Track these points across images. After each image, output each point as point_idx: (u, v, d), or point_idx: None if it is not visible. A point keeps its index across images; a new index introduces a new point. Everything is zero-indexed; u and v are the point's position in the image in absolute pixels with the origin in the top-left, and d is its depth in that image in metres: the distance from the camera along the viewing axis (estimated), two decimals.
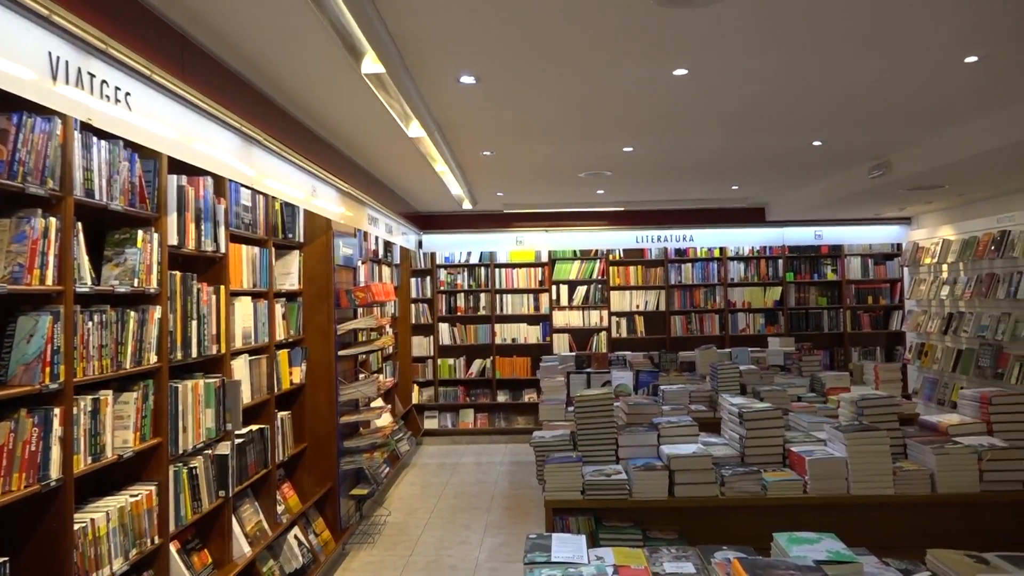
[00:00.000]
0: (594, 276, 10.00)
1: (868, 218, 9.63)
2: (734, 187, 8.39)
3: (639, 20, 3.24)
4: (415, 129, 4.84)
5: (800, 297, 9.99)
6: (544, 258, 10.07)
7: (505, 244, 9.94)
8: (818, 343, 9.57)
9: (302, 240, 5.27)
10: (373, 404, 6.51)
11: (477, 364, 10.03)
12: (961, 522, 3.31)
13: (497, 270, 10.06)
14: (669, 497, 3.33)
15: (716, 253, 10.01)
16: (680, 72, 4.00)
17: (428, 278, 10.07)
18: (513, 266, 10.08)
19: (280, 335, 4.79)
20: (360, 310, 6.27)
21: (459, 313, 10.06)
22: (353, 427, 5.96)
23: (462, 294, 10.08)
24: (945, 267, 8.34)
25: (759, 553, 2.29)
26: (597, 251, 10.03)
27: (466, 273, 10.11)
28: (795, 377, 6.05)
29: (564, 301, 10.01)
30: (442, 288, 10.08)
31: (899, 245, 9.81)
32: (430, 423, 9.91)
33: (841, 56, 3.79)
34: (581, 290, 10.01)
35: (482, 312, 10.03)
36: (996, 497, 3.27)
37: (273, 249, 4.68)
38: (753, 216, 9.89)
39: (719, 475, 3.35)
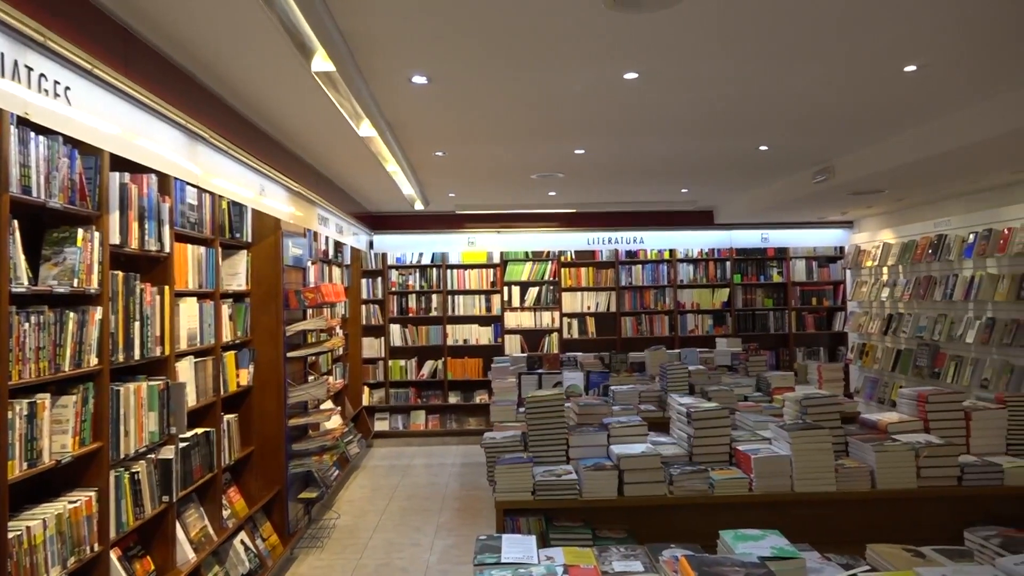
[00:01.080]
0: (546, 277, 10.04)
1: (812, 222, 9.87)
2: (684, 190, 8.51)
3: (590, 23, 3.27)
4: (366, 129, 4.80)
5: (747, 299, 10.19)
6: (496, 259, 10.08)
7: (457, 245, 9.93)
8: (764, 344, 9.77)
9: (250, 240, 5.18)
10: (323, 406, 6.43)
11: (429, 365, 9.99)
12: (899, 517, 3.42)
13: (449, 271, 10.04)
14: (619, 496, 3.36)
15: (666, 255, 10.15)
16: (631, 76, 4.04)
17: (379, 279, 9.99)
18: (465, 267, 10.07)
19: (227, 336, 4.70)
20: (310, 311, 6.20)
21: (411, 314, 10.00)
22: (302, 429, 5.88)
23: (414, 295, 10.03)
24: (885, 270, 8.58)
25: (706, 550, 2.33)
26: (549, 252, 10.08)
27: (418, 274, 10.06)
28: (742, 377, 6.17)
29: (516, 302, 10.04)
30: (393, 289, 10.01)
31: (842, 248, 10.07)
32: (381, 425, 9.84)
33: (787, 63, 3.88)
34: (533, 291, 10.04)
35: (434, 313, 9.99)
36: (932, 492, 3.37)
37: (220, 249, 4.59)
38: (702, 219, 10.06)
39: (667, 474, 3.39)
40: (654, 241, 10.00)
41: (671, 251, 10.13)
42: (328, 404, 6.81)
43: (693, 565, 1.89)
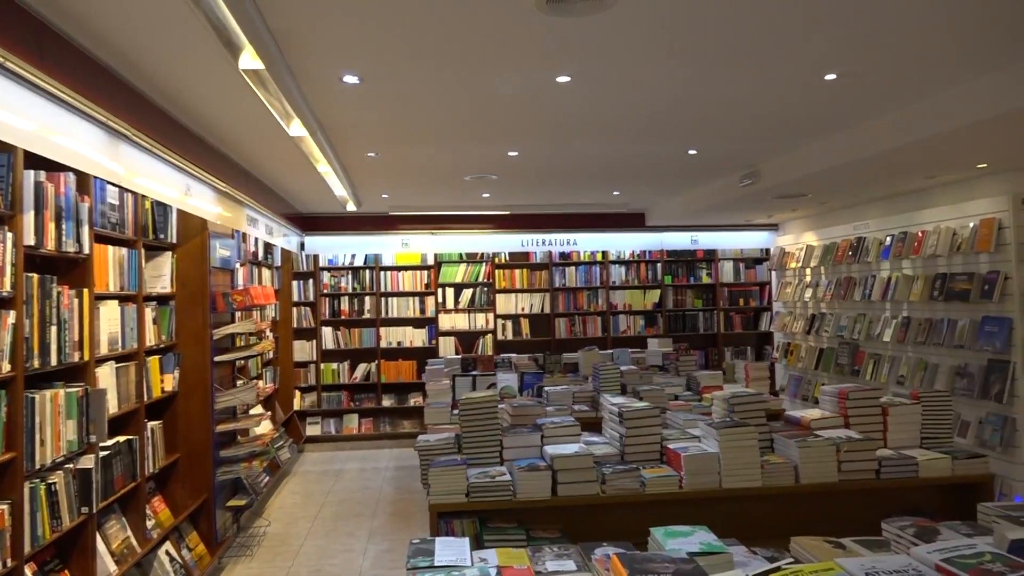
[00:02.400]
0: (480, 279, 10.05)
1: (739, 224, 10.14)
2: (616, 193, 8.63)
3: (523, 26, 3.29)
4: (296, 128, 4.72)
5: (677, 299, 10.39)
6: (430, 261, 10.03)
7: (391, 246, 9.85)
8: (694, 344, 9.98)
9: (175, 241, 5.03)
10: (252, 411, 6.29)
11: (362, 368, 9.88)
12: (821, 510, 3.54)
13: (382, 273, 9.95)
14: (552, 497, 3.39)
15: (599, 257, 10.27)
16: (564, 79, 4.07)
17: (311, 281, 9.83)
18: (399, 269, 10.00)
19: (151, 340, 4.55)
20: (238, 314, 6.05)
21: (343, 316, 9.87)
22: (230, 435, 5.74)
23: (346, 297, 9.91)
24: (808, 271, 8.87)
25: (637, 548, 2.36)
26: (483, 254, 10.09)
27: (350, 276, 9.94)
28: (673, 377, 6.29)
29: (450, 304, 10.01)
30: (325, 291, 9.87)
31: (767, 250, 10.37)
32: (313, 429, 9.68)
33: (716, 70, 3.97)
34: (467, 293, 10.03)
35: (367, 315, 9.89)
36: (852, 486, 3.50)
37: (143, 250, 4.45)
38: (634, 221, 10.22)
39: (600, 473, 3.43)
40: (587, 243, 10.11)
41: (604, 253, 10.26)
42: (258, 409, 6.67)
43: (624, 563, 1.92)
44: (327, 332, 9.83)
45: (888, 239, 7.17)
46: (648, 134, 5.51)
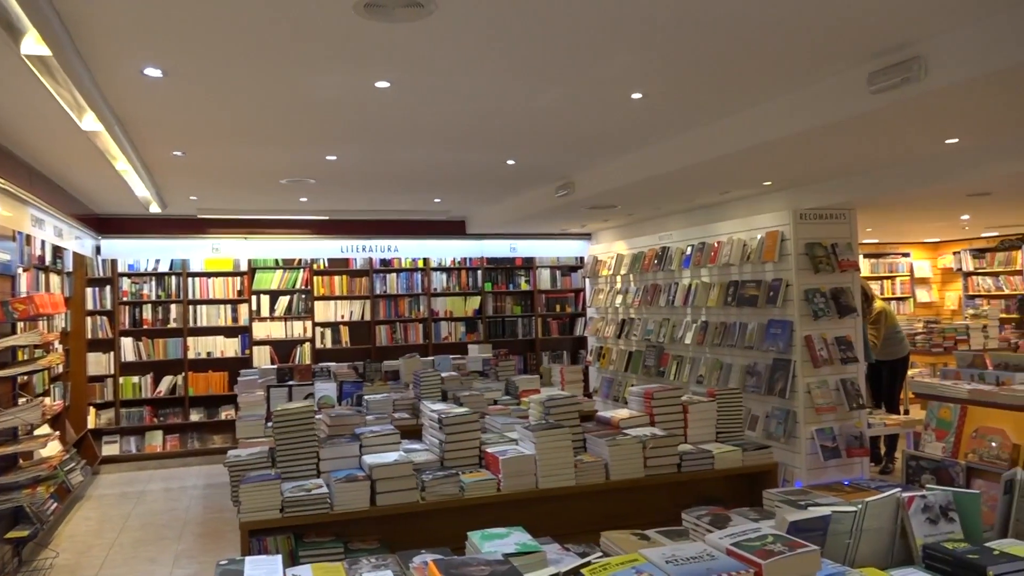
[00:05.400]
0: (297, 286, 9.73)
1: (556, 233, 10.52)
2: (436, 200, 8.67)
3: (342, 29, 3.23)
4: (90, 122, 4.34)
5: (497, 306, 10.61)
6: (243, 267, 9.58)
7: (200, 251, 9.30)
8: (514, 349, 10.23)
9: None
10: (37, 432, 5.69)
11: (167, 381, 9.23)
12: (630, 504, 3.74)
13: (190, 279, 9.37)
14: (372, 507, 3.34)
15: (420, 264, 10.28)
16: (383, 84, 4.04)
17: (108, 288, 9.07)
18: (208, 275, 9.46)
19: None
20: (21, 324, 5.46)
21: (146, 326, 9.19)
22: (11, 459, 5.16)
23: (149, 305, 9.23)
24: (619, 278, 9.36)
25: (456, 553, 2.38)
26: (301, 260, 9.78)
27: (154, 282, 9.28)
28: (492, 381, 6.41)
29: (265, 312, 9.61)
30: (125, 299, 9.14)
31: (582, 258, 10.83)
32: (110, 449, 8.92)
33: (531, 82, 4.10)
34: (284, 300, 9.67)
35: (173, 325, 9.27)
36: (657, 480, 3.74)
37: None
38: (455, 228, 10.31)
39: (420, 480, 3.42)
40: (408, 250, 10.09)
41: (425, 260, 10.28)
42: (44, 429, 6.05)
43: (441, 568, 1.93)
44: (127, 343, 9.10)
45: (688, 249, 7.72)
46: (467, 143, 5.58)
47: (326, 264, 9.94)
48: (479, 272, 10.52)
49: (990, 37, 3.20)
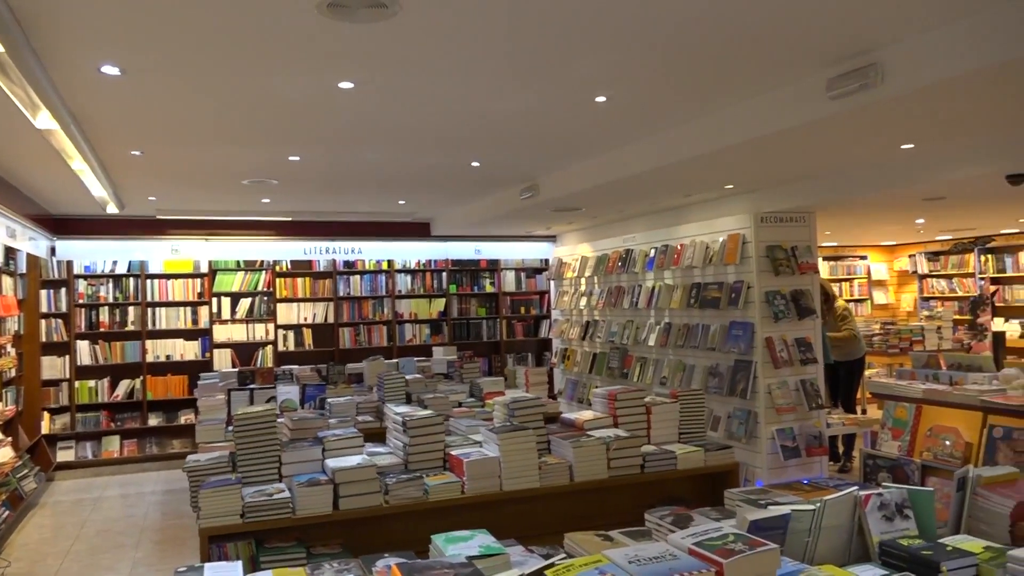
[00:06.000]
0: (259, 288, 9.60)
1: (521, 235, 10.54)
2: (401, 202, 8.63)
3: (305, 28, 3.20)
4: (45, 120, 4.23)
5: (462, 308, 10.59)
6: (204, 268, 9.43)
7: (159, 253, 9.15)
8: (478, 351, 10.22)
9: None
10: None
11: (124, 385, 9.05)
12: (594, 505, 3.76)
13: (149, 281, 9.20)
14: (334, 511, 3.31)
15: (384, 266, 10.21)
16: (346, 85, 4.01)
17: (64, 290, 8.86)
18: (168, 277, 9.29)
19: None
20: None
21: (103, 329, 9.00)
22: None
23: (106, 308, 9.04)
24: (583, 280, 9.40)
25: (420, 556, 2.37)
26: (263, 262, 9.66)
27: (111, 284, 9.09)
28: (457, 384, 6.39)
29: (226, 314, 9.47)
30: (81, 301, 8.94)
31: (546, 260, 10.86)
32: (65, 455, 8.71)
33: (497, 85, 4.10)
34: (245, 302, 9.55)
35: (131, 327, 9.09)
36: (620, 481, 3.76)
37: None
38: (419, 230, 10.28)
39: (383, 484, 3.40)
40: (372, 252, 10.03)
41: (389, 262, 10.22)
42: None
43: (404, 572, 1.92)
44: (83, 346, 8.90)
45: (652, 251, 7.79)
46: (432, 144, 5.57)
47: (289, 266, 9.83)
48: (444, 274, 10.49)
49: (945, 45, 3.28)
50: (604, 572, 1.78)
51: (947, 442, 4.06)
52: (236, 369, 7.40)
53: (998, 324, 10.87)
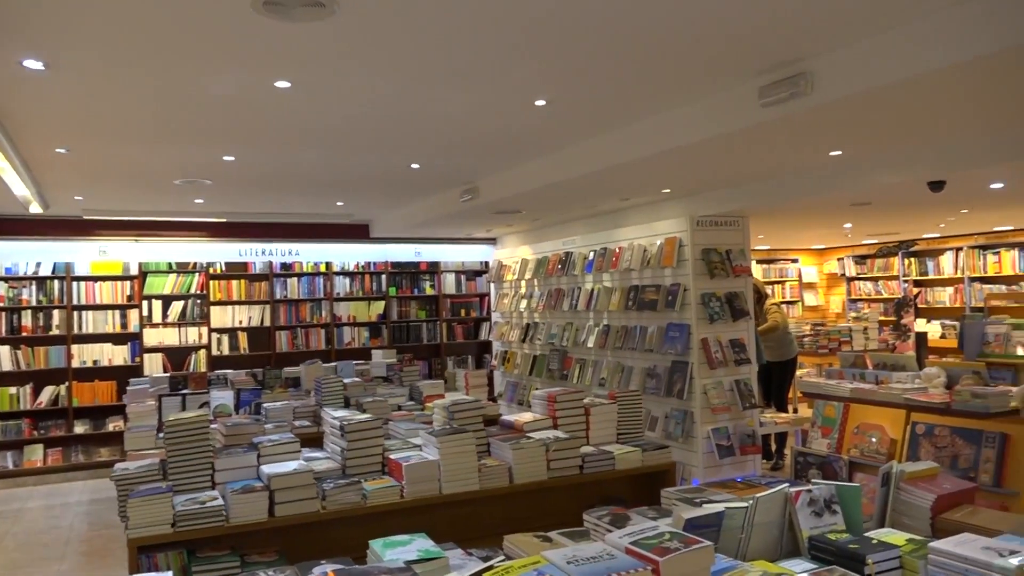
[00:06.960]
0: (192, 290, 9.35)
1: (461, 238, 10.52)
2: (339, 203, 8.52)
3: (240, 26, 3.13)
4: None
5: (402, 311, 10.51)
6: (133, 271, 9.13)
7: (85, 254, 8.84)
8: (418, 354, 10.15)
9: None
10: None
11: (48, 391, 8.69)
12: (533, 507, 3.77)
13: (75, 283, 8.86)
14: (270, 518, 3.25)
15: (322, 268, 10.06)
16: (282, 84, 3.95)
17: None
18: (95, 279, 8.97)
19: None
20: None
21: (25, 333, 8.63)
22: None
23: (29, 311, 8.68)
24: (523, 283, 9.44)
25: (358, 562, 2.34)
26: (196, 264, 9.41)
27: (34, 287, 8.73)
28: (397, 387, 6.34)
29: (157, 318, 9.19)
30: (2, 304, 8.56)
31: (487, 263, 10.86)
32: None
33: (435, 87, 4.09)
34: (177, 305, 9.28)
35: (55, 331, 8.74)
36: (560, 482, 3.78)
37: None
38: (358, 232, 10.17)
39: (321, 489, 3.35)
40: (310, 254, 9.88)
41: (328, 264, 10.08)
42: None
43: None
44: (4, 351, 8.52)
45: (591, 254, 7.86)
46: (370, 146, 5.51)
47: (223, 268, 9.60)
48: (383, 276, 10.40)
49: (873, 55, 3.40)
50: (543, 573, 1.79)
51: (873, 439, 4.21)
52: (168, 374, 7.18)
53: (921, 325, 11.29)
